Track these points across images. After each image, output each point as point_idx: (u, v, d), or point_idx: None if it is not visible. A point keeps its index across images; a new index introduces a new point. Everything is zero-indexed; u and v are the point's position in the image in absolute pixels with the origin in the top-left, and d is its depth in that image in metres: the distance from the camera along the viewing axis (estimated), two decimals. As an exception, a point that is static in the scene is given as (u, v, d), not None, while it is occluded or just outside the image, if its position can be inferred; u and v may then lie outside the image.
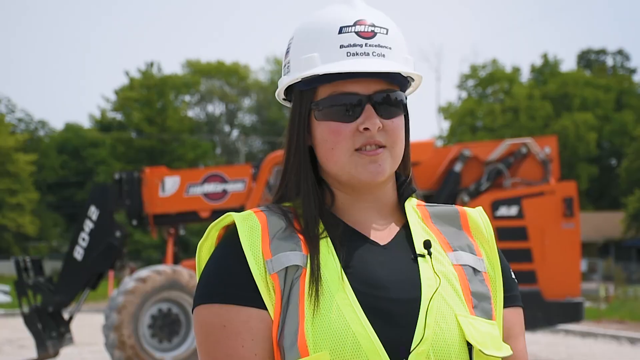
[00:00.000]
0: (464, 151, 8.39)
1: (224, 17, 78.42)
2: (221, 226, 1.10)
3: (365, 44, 1.09)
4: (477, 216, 1.18)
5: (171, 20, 75.81)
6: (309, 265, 1.05)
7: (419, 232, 1.13)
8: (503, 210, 8.07)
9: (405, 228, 1.14)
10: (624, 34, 69.31)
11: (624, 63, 40.73)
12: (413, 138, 1.20)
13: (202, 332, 1.05)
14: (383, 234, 1.13)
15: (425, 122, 75.38)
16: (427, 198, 8.30)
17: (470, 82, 38.00)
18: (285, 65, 1.17)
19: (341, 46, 1.09)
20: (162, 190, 8.17)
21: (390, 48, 1.10)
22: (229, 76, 40.82)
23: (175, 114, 34.53)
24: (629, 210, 28.24)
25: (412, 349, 1.02)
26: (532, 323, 7.91)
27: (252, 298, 1.03)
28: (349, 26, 1.10)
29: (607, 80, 36.83)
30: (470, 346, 1.05)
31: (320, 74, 1.09)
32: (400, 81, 1.13)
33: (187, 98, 39.80)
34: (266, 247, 1.06)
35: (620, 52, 40.83)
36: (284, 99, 1.20)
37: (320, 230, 1.09)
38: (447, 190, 8.33)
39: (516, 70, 37.27)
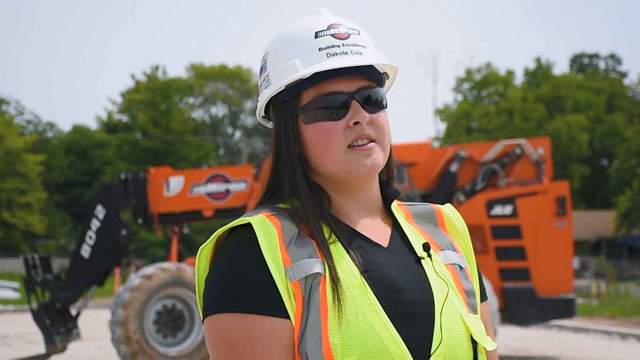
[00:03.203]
0: (459, 152, 8.51)
1: (226, 22, 78.79)
2: (226, 229, 1.07)
3: (342, 44, 1.11)
4: (450, 213, 1.21)
5: (176, 25, 75.90)
6: (327, 271, 1.04)
7: (411, 234, 1.16)
8: (498, 209, 8.21)
9: (396, 228, 1.16)
10: (616, 39, 69.69)
11: (615, 67, 41.00)
12: (410, 139, 1.37)
13: (223, 341, 1.02)
14: (380, 235, 1.14)
15: (422, 124, 75.82)
16: (424, 197, 8.50)
17: (466, 85, 38.09)
18: (264, 80, 1.16)
19: (320, 49, 1.10)
20: (167, 189, 8.25)
21: (365, 47, 1.13)
22: (232, 79, 40.97)
23: (179, 116, 34.55)
24: (620, 209, 28.34)
25: (432, 351, 1.03)
26: (526, 319, 8.04)
27: (276, 307, 1.01)
28: (323, 30, 1.12)
29: (599, 83, 37.07)
30: (474, 344, 1.08)
31: (305, 77, 1.09)
32: (378, 78, 1.15)
33: (191, 100, 39.89)
34: (285, 254, 1.04)
35: (612, 56, 41.06)
36: (263, 117, 1.20)
37: (327, 235, 1.09)
38: (443, 190, 8.48)
39: (510, 74, 37.41)
